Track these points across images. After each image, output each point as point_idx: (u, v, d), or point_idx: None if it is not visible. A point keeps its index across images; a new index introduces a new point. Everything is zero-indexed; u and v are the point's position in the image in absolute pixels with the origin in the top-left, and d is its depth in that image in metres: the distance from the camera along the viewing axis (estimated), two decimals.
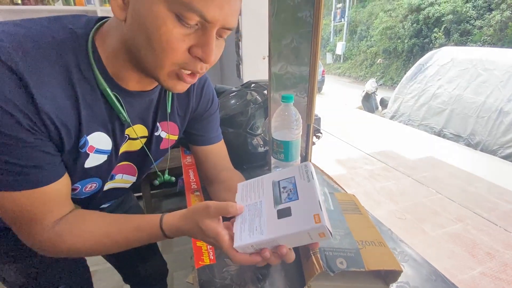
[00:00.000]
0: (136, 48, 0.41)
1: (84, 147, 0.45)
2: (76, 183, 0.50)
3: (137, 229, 0.49)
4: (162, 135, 0.60)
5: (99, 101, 0.45)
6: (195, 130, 0.67)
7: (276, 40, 0.83)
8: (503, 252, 1.92)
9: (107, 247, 0.49)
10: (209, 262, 0.58)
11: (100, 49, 0.44)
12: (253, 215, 0.46)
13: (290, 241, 0.43)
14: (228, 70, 2.46)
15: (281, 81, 0.88)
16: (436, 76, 4.99)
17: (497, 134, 3.92)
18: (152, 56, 0.40)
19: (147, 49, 0.39)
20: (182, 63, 0.41)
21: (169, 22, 0.37)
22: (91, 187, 0.54)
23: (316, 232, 0.40)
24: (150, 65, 0.42)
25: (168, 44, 0.38)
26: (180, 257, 1.73)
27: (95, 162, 0.49)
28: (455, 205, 2.49)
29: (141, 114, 0.53)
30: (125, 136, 0.52)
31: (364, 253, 0.50)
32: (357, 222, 0.59)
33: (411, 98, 5.30)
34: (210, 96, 0.66)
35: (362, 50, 13.62)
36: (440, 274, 0.54)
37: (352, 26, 15.40)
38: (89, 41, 0.42)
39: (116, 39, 0.43)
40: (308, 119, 0.94)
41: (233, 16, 0.40)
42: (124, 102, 0.48)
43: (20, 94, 0.36)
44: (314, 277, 0.47)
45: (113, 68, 0.45)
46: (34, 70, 0.37)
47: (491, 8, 8.73)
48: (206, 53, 0.40)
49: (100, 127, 0.47)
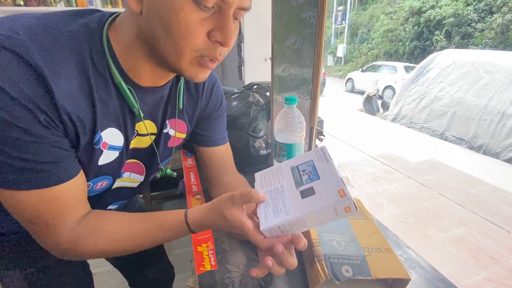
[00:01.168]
0: (154, 40, 0.40)
1: (98, 143, 0.44)
2: (89, 181, 0.49)
3: (161, 227, 0.48)
4: (170, 133, 0.59)
5: (112, 96, 0.44)
6: (202, 131, 0.66)
7: (279, 41, 0.82)
8: (507, 257, 1.90)
9: (132, 246, 0.48)
10: (210, 268, 0.56)
11: (114, 43, 0.43)
12: (276, 198, 0.46)
13: (316, 219, 0.42)
14: (230, 72, 2.46)
15: (284, 83, 0.87)
16: (438, 79, 4.98)
17: (499, 137, 3.90)
18: (172, 45, 0.39)
19: (167, 39, 0.39)
20: (202, 49, 0.41)
21: (186, 7, 0.36)
22: (101, 184, 0.53)
23: (342, 206, 0.40)
24: (170, 56, 0.41)
25: (188, 30, 0.38)
26: (180, 260, 1.71)
27: (108, 159, 0.48)
28: (458, 208, 2.47)
29: (151, 110, 0.52)
30: (135, 131, 0.51)
31: (370, 261, 0.48)
32: (363, 227, 0.57)
33: (413, 101, 5.29)
34: (220, 97, 0.65)
35: (363, 53, 13.65)
36: (449, 282, 0.53)
37: (353, 28, 15.44)
38: (104, 35, 0.42)
39: (130, 32, 0.42)
40: (311, 122, 0.93)
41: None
42: (137, 97, 0.47)
43: (38, 89, 0.35)
44: (319, 285, 0.46)
45: (126, 62, 0.44)
46: (52, 63, 0.36)
47: (492, 11, 8.75)
48: (226, 35, 0.40)
49: (113, 123, 0.46)
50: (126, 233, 0.47)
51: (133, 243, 0.48)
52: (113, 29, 0.43)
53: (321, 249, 0.50)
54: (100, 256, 0.48)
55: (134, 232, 0.47)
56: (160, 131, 0.56)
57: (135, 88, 0.47)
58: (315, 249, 0.50)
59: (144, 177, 0.62)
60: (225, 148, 0.71)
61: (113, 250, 0.47)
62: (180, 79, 0.56)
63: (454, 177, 3.02)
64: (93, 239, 0.45)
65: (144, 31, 0.41)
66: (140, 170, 0.60)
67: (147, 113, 0.52)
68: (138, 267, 0.95)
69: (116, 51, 0.43)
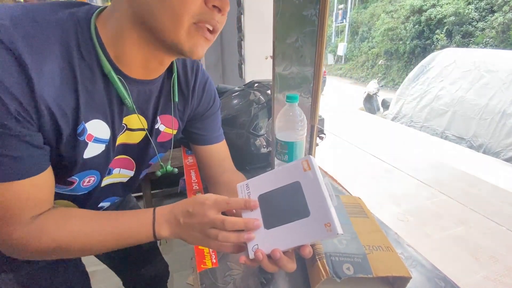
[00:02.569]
0: (150, 15, 0.40)
1: (82, 134, 0.44)
2: (74, 175, 0.48)
3: (129, 220, 0.47)
4: (161, 128, 0.58)
5: (99, 87, 0.44)
6: (196, 129, 0.66)
7: (280, 39, 0.81)
8: (506, 256, 1.90)
9: (95, 243, 0.45)
10: (211, 266, 0.56)
11: (102, 32, 0.42)
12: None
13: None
14: (230, 70, 2.45)
15: (285, 81, 0.87)
16: (438, 78, 4.97)
17: (500, 136, 3.90)
18: (169, 14, 0.39)
19: (163, 8, 0.39)
20: (200, 14, 0.41)
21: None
22: (89, 181, 0.52)
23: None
24: (167, 27, 0.40)
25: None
26: (180, 258, 1.71)
27: (93, 152, 0.47)
28: (457, 207, 2.48)
29: (141, 104, 0.52)
30: (123, 125, 0.50)
31: (371, 259, 0.48)
32: (364, 226, 0.57)
33: (413, 100, 5.28)
34: (212, 95, 0.65)
35: (364, 51, 13.61)
36: (450, 280, 0.53)
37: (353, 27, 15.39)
38: (92, 24, 0.41)
39: (122, 18, 0.42)
40: (312, 120, 0.93)
41: None
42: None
43: (16, 77, 0.34)
44: (320, 283, 0.46)
45: (116, 51, 0.44)
46: (35, 51, 0.35)
47: (493, 10, 8.71)
48: (223, 0, 0.41)
49: (98, 114, 0.45)
50: (90, 228, 0.45)
51: (98, 240, 0.45)
52: (101, 19, 0.43)
53: (322, 247, 0.50)
54: (60, 254, 0.45)
55: (97, 227, 0.45)
56: (151, 126, 0.56)
57: (124, 79, 0.46)
58: (316, 247, 0.50)
59: (134, 172, 0.61)
60: (221, 146, 0.70)
61: (70, 249, 0.45)
62: (172, 74, 0.55)
63: (454, 176, 3.02)
64: (54, 232, 0.43)
65: (139, 11, 0.40)
66: (130, 165, 0.59)
67: (137, 107, 0.51)
68: (132, 266, 0.94)
69: (104, 41, 0.43)
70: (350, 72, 14.19)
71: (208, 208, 0.43)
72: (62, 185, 0.49)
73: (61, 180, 0.48)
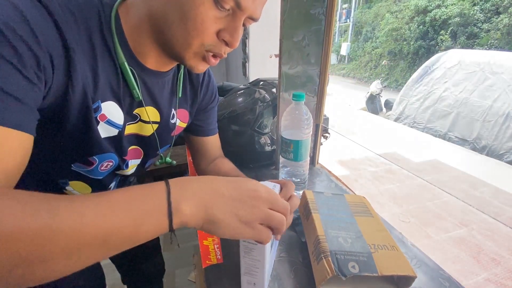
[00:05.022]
0: (165, 23, 0.41)
1: (96, 111, 0.43)
2: (95, 155, 0.49)
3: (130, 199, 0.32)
4: (177, 123, 0.61)
5: (117, 73, 0.44)
6: (197, 121, 0.68)
7: (287, 37, 0.81)
8: (508, 258, 1.90)
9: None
10: (216, 262, 0.57)
11: (123, 20, 0.43)
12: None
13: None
14: (234, 68, 2.45)
15: (291, 80, 0.87)
16: (442, 79, 4.95)
17: (503, 138, 3.88)
18: (182, 33, 0.41)
19: (179, 26, 0.40)
20: (209, 45, 0.43)
21: (207, 3, 0.38)
22: (107, 165, 0.53)
23: None
24: (177, 42, 0.42)
25: (203, 24, 0.39)
26: (182, 255, 1.72)
27: (107, 133, 0.47)
28: (459, 209, 2.47)
29: (154, 96, 0.52)
30: (135, 115, 0.51)
31: (376, 257, 0.48)
32: (369, 225, 0.58)
33: (417, 101, 5.26)
34: (214, 89, 0.68)
35: (367, 51, 13.56)
36: (454, 281, 0.53)
37: (357, 27, 15.33)
38: (113, 10, 0.42)
39: (142, 11, 0.43)
40: (317, 119, 0.93)
41: (260, 8, 0.43)
42: (139, 78, 0.48)
43: (50, 31, 0.34)
44: (325, 281, 0.46)
45: (134, 41, 0.45)
46: (65, 18, 0.36)
47: (499, 11, 8.65)
48: (234, 38, 0.42)
49: (114, 98, 0.46)
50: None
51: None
52: (125, 6, 0.44)
53: (328, 245, 0.50)
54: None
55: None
56: (166, 120, 0.57)
57: (139, 68, 0.47)
58: (322, 245, 0.50)
59: (141, 160, 0.61)
60: (216, 137, 0.74)
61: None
62: (180, 68, 0.56)
63: (456, 178, 3.01)
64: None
65: (156, 13, 0.41)
66: (139, 154, 0.60)
67: (150, 98, 0.52)
68: (133, 261, 0.95)
69: (125, 28, 0.43)
70: (353, 72, 14.14)
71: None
72: (83, 164, 0.49)
73: (82, 158, 0.48)
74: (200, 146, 0.73)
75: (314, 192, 0.67)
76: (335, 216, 0.59)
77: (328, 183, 0.90)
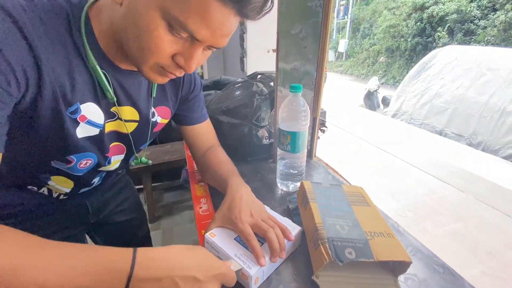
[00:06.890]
0: (125, 36, 0.41)
1: (75, 113, 0.44)
2: (72, 154, 0.49)
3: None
4: (158, 120, 0.62)
5: (91, 75, 0.45)
6: (181, 111, 0.69)
7: (284, 30, 0.82)
8: (504, 252, 1.92)
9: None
10: None
11: (94, 22, 0.43)
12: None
13: None
14: (232, 63, 2.45)
15: (288, 73, 0.87)
16: (439, 75, 4.96)
17: (499, 134, 3.90)
18: (138, 51, 0.41)
19: (135, 43, 0.40)
20: (164, 65, 0.43)
21: (161, 29, 0.38)
22: (86, 163, 0.53)
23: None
24: (134, 57, 0.43)
25: (157, 47, 0.39)
26: None
27: (87, 133, 0.48)
28: (456, 204, 2.49)
29: (132, 96, 0.53)
30: (113, 113, 0.52)
31: (373, 244, 0.49)
32: (365, 213, 0.58)
33: (414, 97, 5.28)
34: (192, 79, 0.68)
35: (365, 48, 13.55)
36: (448, 266, 0.54)
37: (355, 23, 15.31)
38: (83, 13, 0.42)
39: (109, 17, 0.43)
40: (315, 112, 0.93)
41: (223, 38, 0.41)
42: (113, 80, 0.48)
43: (17, 42, 0.34)
44: (322, 266, 0.47)
45: (105, 43, 0.45)
46: (34, 29, 0.36)
47: (495, 8, 8.67)
48: (188, 64, 0.42)
49: (93, 99, 0.46)
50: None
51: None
52: (95, 9, 0.44)
53: (325, 233, 0.51)
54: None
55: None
56: (146, 118, 0.58)
57: (112, 69, 0.47)
58: (319, 233, 0.51)
59: (124, 156, 0.62)
60: (205, 125, 0.75)
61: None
62: None
63: (452, 173, 3.03)
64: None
65: (117, 25, 0.42)
66: (121, 150, 0.61)
67: (127, 98, 0.52)
68: None
69: (96, 31, 0.44)
70: (351, 69, 14.14)
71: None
72: (61, 162, 0.50)
73: (59, 157, 0.49)
74: (191, 136, 0.74)
75: (312, 182, 0.68)
76: (332, 205, 0.60)
77: (325, 175, 0.90)
